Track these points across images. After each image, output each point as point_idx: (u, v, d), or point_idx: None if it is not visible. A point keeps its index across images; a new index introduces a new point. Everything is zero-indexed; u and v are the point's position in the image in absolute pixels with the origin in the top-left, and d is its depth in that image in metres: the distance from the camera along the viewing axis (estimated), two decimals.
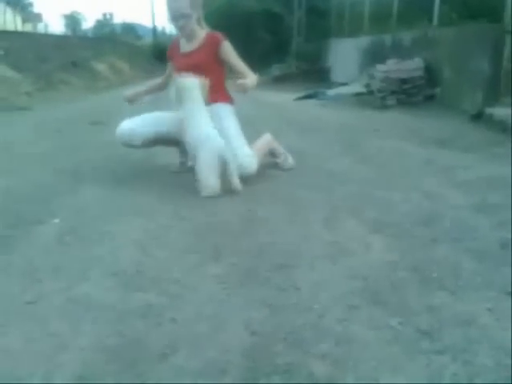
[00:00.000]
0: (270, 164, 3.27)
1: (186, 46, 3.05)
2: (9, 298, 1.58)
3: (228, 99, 3.09)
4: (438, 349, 1.28)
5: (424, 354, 1.26)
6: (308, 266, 1.79)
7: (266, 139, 3.20)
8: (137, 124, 2.95)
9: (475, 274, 1.70)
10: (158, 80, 3.38)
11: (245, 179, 2.78)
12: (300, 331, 1.37)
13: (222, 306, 1.52)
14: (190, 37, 3.01)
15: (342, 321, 1.42)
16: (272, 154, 3.26)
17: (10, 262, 1.86)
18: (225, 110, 3.02)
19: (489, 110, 5.13)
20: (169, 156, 3.33)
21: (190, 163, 3.01)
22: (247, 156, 2.89)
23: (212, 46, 2.95)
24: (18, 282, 1.69)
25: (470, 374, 1.18)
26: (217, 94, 2.97)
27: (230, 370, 1.21)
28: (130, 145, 3.01)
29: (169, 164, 3.26)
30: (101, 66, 15.74)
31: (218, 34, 3.01)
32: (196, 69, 2.85)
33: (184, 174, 3.07)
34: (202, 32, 3.01)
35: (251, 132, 3.11)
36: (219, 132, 2.83)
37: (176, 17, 2.91)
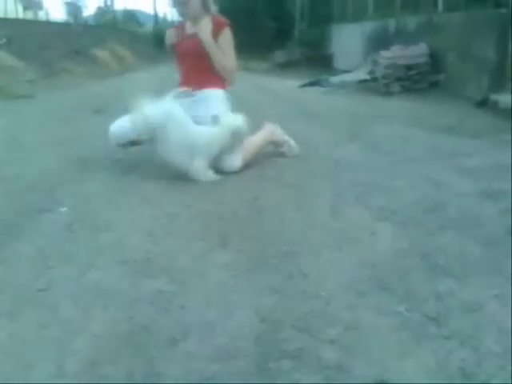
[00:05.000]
0: (275, 152, 3.28)
1: (191, 29, 3.06)
2: (21, 286, 1.60)
3: (221, 85, 3.09)
4: (446, 334, 1.29)
5: (432, 339, 1.27)
6: (315, 254, 1.80)
7: (265, 131, 3.19)
8: (126, 121, 2.92)
9: (482, 261, 1.71)
10: None
11: (250, 167, 2.79)
12: (308, 317, 1.39)
13: (231, 293, 1.53)
14: (194, 20, 3.01)
15: (349, 307, 1.44)
16: (275, 144, 3.26)
17: (20, 250, 1.87)
18: (216, 96, 3.02)
19: (494, 97, 5.10)
20: None
21: None
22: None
23: (215, 30, 2.95)
24: (29, 269, 1.71)
25: (478, 359, 1.19)
26: (211, 78, 3.00)
27: (240, 355, 1.23)
28: (121, 143, 2.99)
29: None
30: (103, 54, 15.65)
31: (223, 19, 3.01)
32: (198, 51, 2.95)
33: None
34: (208, 16, 3.00)
35: (255, 120, 3.09)
36: (205, 122, 2.88)
37: (176, 3, 2.96)
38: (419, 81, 6.85)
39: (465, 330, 1.31)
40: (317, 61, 13.19)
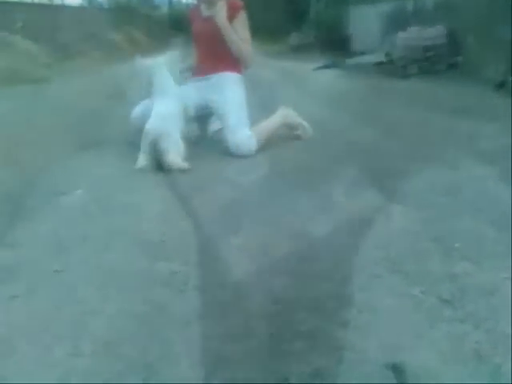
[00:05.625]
0: (289, 135, 3.26)
1: (206, 11, 3.03)
2: (38, 267, 1.62)
3: (237, 68, 3.06)
4: (460, 317, 1.28)
5: (446, 321, 1.27)
6: (329, 236, 1.79)
7: (279, 114, 3.17)
8: (147, 106, 2.92)
9: (497, 244, 1.69)
10: None
11: (264, 150, 2.78)
12: (322, 299, 1.39)
13: (244, 274, 1.54)
14: (209, 3, 2.99)
15: (363, 289, 1.43)
16: (289, 127, 3.25)
17: (37, 231, 1.90)
18: (232, 80, 3.00)
19: None
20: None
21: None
22: (244, 137, 2.87)
23: (230, 13, 2.92)
24: (46, 251, 1.73)
25: (492, 342, 1.19)
26: (226, 62, 2.98)
27: (254, 335, 1.24)
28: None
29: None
30: (118, 37, 15.65)
31: (238, 2, 2.98)
32: (214, 34, 2.92)
33: (201, 146, 3.07)
34: None
35: (270, 103, 3.09)
36: (220, 105, 2.84)
37: None
38: (437, 62, 6.74)
39: (480, 313, 1.30)
40: (333, 43, 13.02)
